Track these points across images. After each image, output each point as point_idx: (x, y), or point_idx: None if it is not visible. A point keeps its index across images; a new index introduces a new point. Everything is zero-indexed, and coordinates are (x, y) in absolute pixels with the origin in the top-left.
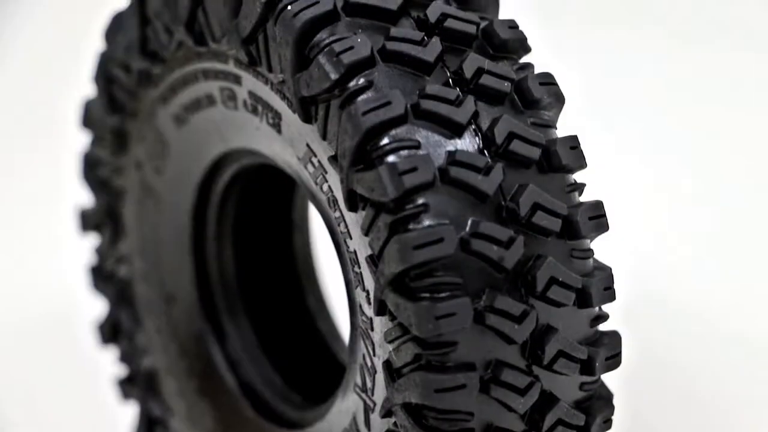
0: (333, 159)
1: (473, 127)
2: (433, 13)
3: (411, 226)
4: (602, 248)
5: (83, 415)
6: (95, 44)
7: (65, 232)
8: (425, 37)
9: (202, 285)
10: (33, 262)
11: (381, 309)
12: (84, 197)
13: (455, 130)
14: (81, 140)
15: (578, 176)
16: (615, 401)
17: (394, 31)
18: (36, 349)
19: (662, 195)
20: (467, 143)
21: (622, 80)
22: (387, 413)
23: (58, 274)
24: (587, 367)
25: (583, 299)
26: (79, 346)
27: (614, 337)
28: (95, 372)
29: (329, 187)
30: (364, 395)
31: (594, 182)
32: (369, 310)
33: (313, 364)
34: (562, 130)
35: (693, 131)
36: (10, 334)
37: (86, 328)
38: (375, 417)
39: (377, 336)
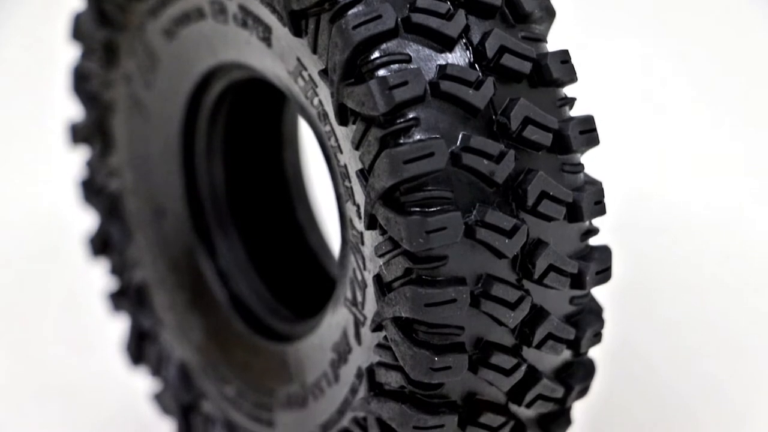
0: (323, 73)
1: (464, 40)
2: None
3: (401, 140)
4: (593, 162)
5: (73, 327)
6: None
7: (56, 146)
8: None
9: (192, 199)
10: (23, 175)
11: (371, 223)
12: (74, 110)
13: (446, 43)
14: (71, 54)
15: (569, 90)
16: (605, 315)
17: None
18: (25, 261)
19: (653, 108)
20: (458, 57)
21: None
22: (377, 327)
23: (48, 187)
24: (577, 281)
25: (574, 213)
26: (69, 258)
27: (604, 251)
28: (85, 285)
29: (319, 101)
30: (354, 309)
31: (584, 96)
32: (359, 225)
33: (304, 278)
34: (552, 44)
35: (687, 44)
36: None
37: (77, 241)
38: (365, 331)
39: (368, 250)
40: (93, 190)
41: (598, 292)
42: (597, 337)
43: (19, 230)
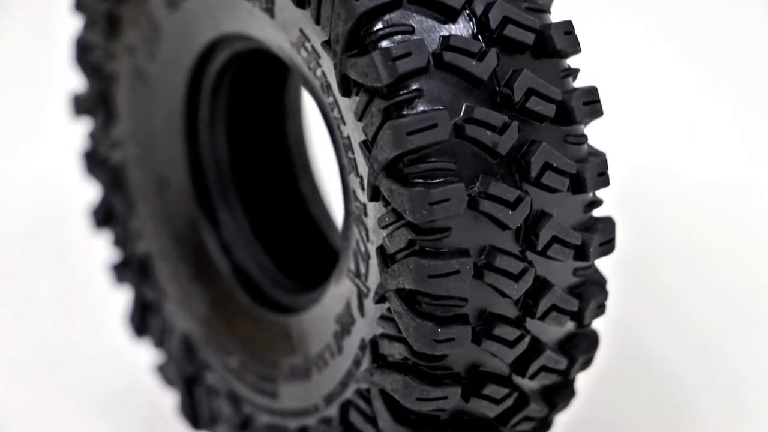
0: (326, 44)
1: (467, 11)
2: None
3: (405, 112)
4: (596, 134)
5: (76, 299)
6: None
7: (58, 117)
8: None
9: (195, 171)
10: (25, 147)
11: (375, 195)
12: (77, 82)
13: (449, 14)
14: (74, 25)
15: (572, 61)
16: (609, 287)
17: None
18: (28, 233)
19: (657, 78)
20: (461, 28)
21: None
22: (380, 299)
23: (51, 159)
24: (581, 253)
25: (577, 185)
26: (72, 230)
27: (608, 222)
28: (88, 257)
29: (322, 72)
30: (357, 281)
31: (588, 67)
32: (363, 196)
33: (307, 249)
34: (556, 14)
35: (692, 16)
36: (4, 219)
37: (80, 213)
38: (368, 302)
39: (371, 222)
40: (96, 161)
41: (602, 264)
42: (600, 309)
43: (22, 202)
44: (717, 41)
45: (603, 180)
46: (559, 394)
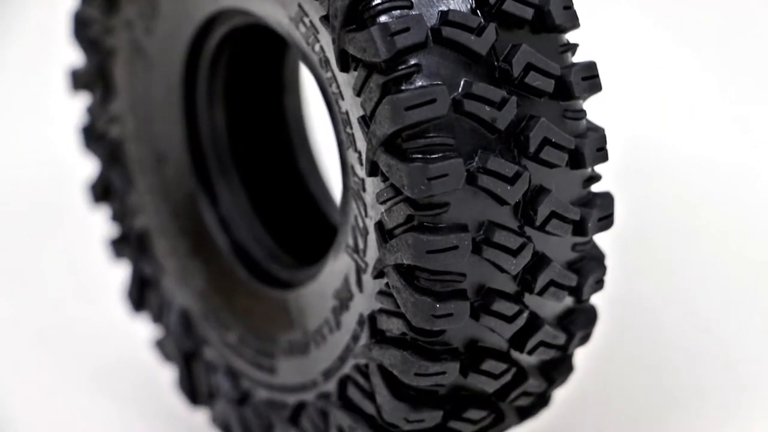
0: (325, 19)
1: None
2: None
3: (403, 87)
4: (595, 109)
5: (74, 274)
6: None
7: (56, 92)
8: None
9: (193, 146)
10: (23, 122)
11: (373, 170)
12: (75, 57)
13: None
14: (72, 0)
15: (571, 36)
16: (607, 262)
17: None
18: (26, 208)
19: (656, 53)
20: (460, 3)
21: None
22: (379, 274)
23: (48, 134)
24: (580, 228)
25: (576, 160)
26: (70, 205)
27: (607, 198)
28: (86, 232)
29: (321, 47)
30: (356, 256)
31: (587, 42)
32: (361, 171)
33: (305, 225)
34: None
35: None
36: (1, 194)
37: (78, 188)
38: (367, 278)
39: (369, 197)
40: (94, 136)
41: (600, 239)
42: (599, 284)
43: (20, 177)
44: (719, 17)
45: (602, 155)
46: (558, 369)
